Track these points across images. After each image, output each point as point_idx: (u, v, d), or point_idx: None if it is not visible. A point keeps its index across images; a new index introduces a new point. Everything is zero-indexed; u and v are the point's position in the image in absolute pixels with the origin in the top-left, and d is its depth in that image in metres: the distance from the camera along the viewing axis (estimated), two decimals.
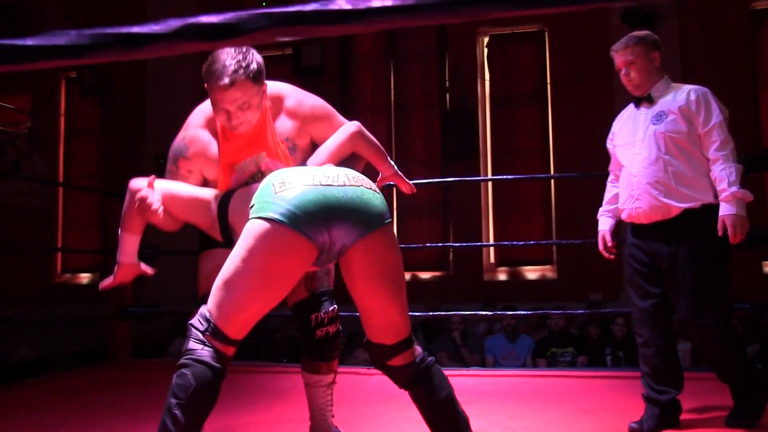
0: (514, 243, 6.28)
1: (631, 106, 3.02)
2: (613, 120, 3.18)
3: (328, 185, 1.94)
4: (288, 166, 2.24)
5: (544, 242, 8.88)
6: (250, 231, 1.92)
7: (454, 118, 8.95)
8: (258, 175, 2.27)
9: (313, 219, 1.90)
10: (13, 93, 11.01)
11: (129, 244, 2.27)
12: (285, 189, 1.92)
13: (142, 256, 2.36)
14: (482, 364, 6.50)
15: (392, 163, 2.53)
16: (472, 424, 2.11)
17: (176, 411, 1.84)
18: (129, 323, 5.14)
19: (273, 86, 2.38)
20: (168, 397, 1.87)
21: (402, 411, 3.23)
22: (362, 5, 0.70)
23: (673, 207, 2.78)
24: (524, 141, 9.07)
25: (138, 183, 2.25)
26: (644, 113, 2.91)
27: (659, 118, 2.83)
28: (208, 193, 2.27)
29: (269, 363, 5.77)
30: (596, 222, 3.17)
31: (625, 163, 2.95)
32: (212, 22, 0.72)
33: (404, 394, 2.16)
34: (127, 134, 9.94)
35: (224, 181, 2.29)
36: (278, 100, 2.37)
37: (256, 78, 2.16)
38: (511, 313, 6.00)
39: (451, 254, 9.11)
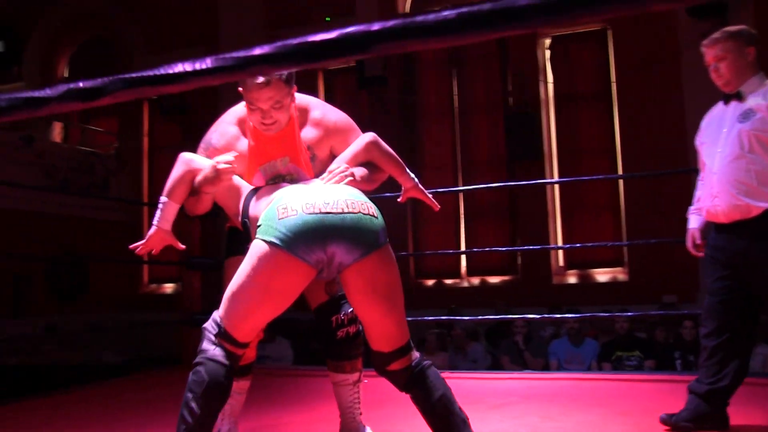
0: (585, 245, 6.21)
1: (720, 103, 2.93)
2: (681, 116, 3.14)
3: (327, 213, 2.07)
4: (307, 174, 2.44)
5: (615, 243, 8.73)
6: (255, 250, 2.10)
7: (518, 121, 8.94)
8: (279, 178, 2.45)
9: (311, 244, 2.04)
10: (101, 116, 11.70)
11: (169, 211, 2.43)
12: (287, 215, 2.06)
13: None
14: (546, 368, 6.47)
15: (412, 175, 2.58)
16: (504, 425, 2.18)
17: (192, 404, 2.04)
18: (197, 329, 5.38)
19: (301, 98, 2.55)
20: (185, 392, 2.06)
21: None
22: (200, 66, 0.84)
23: (753, 206, 2.72)
24: (590, 141, 8.96)
25: (189, 155, 2.48)
26: (732, 110, 2.83)
27: (746, 116, 2.75)
28: (244, 185, 2.45)
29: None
30: (669, 221, 3.14)
31: (707, 161, 2.89)
32: (86, 87, 0.88)
33: (458, 396, 2.27)
34: None
35: (249, 178, 2.48)
36: (305, 111, 2.53)
37: (288, 80, 2.35)
38: (572, 315, 5.97)
39: (519, 258, 9.07)
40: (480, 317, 6.76)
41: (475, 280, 9.36)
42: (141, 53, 11.20)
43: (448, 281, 9.50)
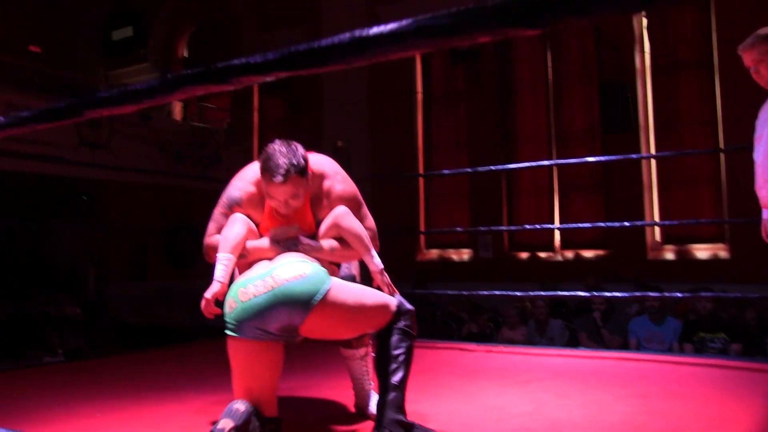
0: (683, 222, 6.01)
1: None
2: None
3: (256, 295, 2.34)
4: (314, 236, 2.64)
5: (715, 221, 8.33)
6: (228, 346, 2.42)
7: (612, 92, 8.67)
8: (288, 242, 2.59)
9: (255, 325, 2.34)
10: (216, 94, 12.33)
11: (231, 267, 2.54)
12: (231, 310, 2.37)
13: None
14: (625, 347, 6.36)
15: (377, 260, 2.68)
16: (521, 397, 2.72)
17: None
18: None
19: (319, 164, 2.70)
20: None
21: (475, 384, 3.44)
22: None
23: None
24: (689, 112, 8.55)
25: (243, 216, 2.62)
26: None
27: None
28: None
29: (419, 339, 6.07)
30: None
31: (755, 153, 3.00)
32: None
33: (493, 371, 2.55)
34: (307, 126, 10.72)
35: (262, 233, 2.65)
36: (319, 178, 2.69)
37: (303, 172, 2.50)
38: (653, 294, 5.83)
39: (613, 232, 8.85)
40: (544, 293, 6.74)
41: (569, 254, 9.23)
42: (250, 33, 11.67)
43: (542, 254, 9.41)
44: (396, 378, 2.49)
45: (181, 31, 13.12)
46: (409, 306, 2.61)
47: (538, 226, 9.34)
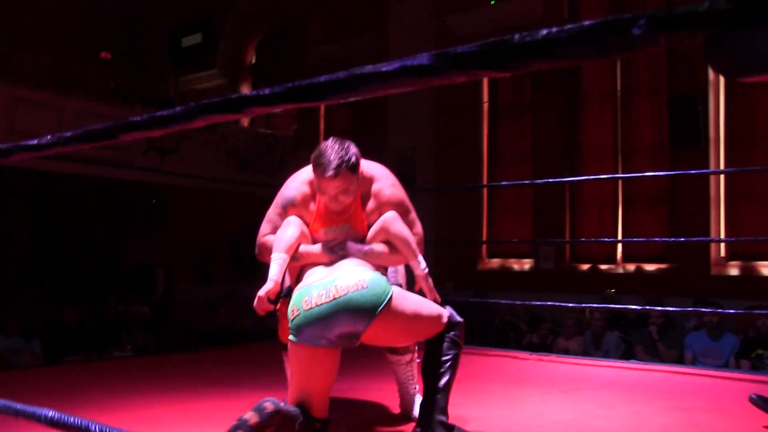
0: (748, 239, 5.87)
1: None
2: None
3: (318, 304, 2.42)
4: (365, 237, 2.75)
5: None
6: (290, 350, 2.53)
7: (682, 104, 8.54)
8: (336, 246, 2.70)
9: (314, 332, 2.42)
10: None
11: (284, 267, 2.68)
12: (294, 317, 2.46)
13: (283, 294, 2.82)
14: (680, 361, 6.29)
15: (423, 265, 2.80)
16: (564, 406, 2.89)
17: None
18: None
19: (371, 168, 2.82)
20: None
21: (520, 391, 3.51)
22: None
23: None
24: (763, 125, 8.34)
25: (298, 219, 2.74)
26: None
27: None
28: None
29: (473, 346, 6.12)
30: None
31: None
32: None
33: (540, 379, 2.67)
34: (373, 134, 10.86)
35: (312, 234, 2.77)
36: (369, 181, 2.79)
37: (354, 168, 2.61)
38: (707, 310, 5.76)
39: (677, 246, 8.72)
40: (597, 306, 6.71)
41: (631, 267, 9.12)
42: (315, 42, 11.91)
43: (603, 266, 9.33)
44: (442, 382, 2.60)
45: (249, 38, 13.46)
46: (459, 318, 2.71)
47: (600, 240, 9.29)
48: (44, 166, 8.56)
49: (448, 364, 2.63)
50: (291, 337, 2.46)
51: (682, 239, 6.94)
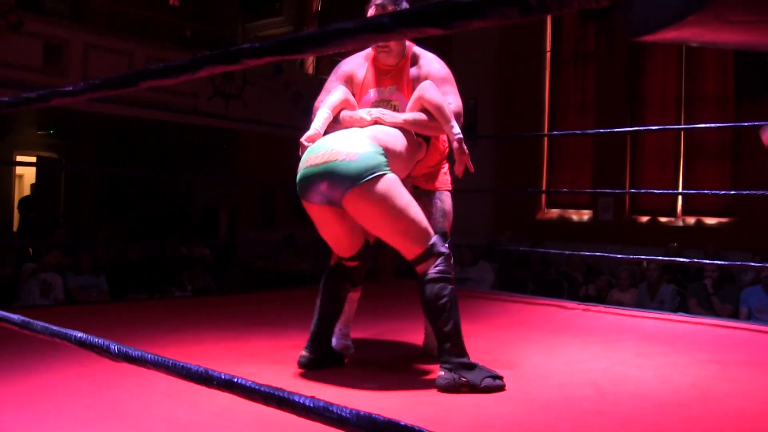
0: None
1: None
2: None
3: (310, 165, 2.64)
4: (407, 102, 2.94)
5: None
6: None
7: (748, 54, 8.24)
8: (384, 102, 2.98)
9: (307, 190, 2.67)
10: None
11: (328, 121, 2.92)
12: (297, 172, 2.72)
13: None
14: (735, 316, 6.22)
15: (457, 130, 2.85)
16: (601, 355, 3.00)
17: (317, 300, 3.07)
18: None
19: (421, 50, 3.07)
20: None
21: (559, 339, 3.60)
22: None
23: None
24: None
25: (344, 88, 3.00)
26: None
27: None
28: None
29: (525, 295, 6.14)
30: None
31: None
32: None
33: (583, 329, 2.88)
34: None
35: (358, 97, 3.03)
36: (417, 58, 3.04)
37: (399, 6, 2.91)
38: (760, 264, 5.67)
39: (738, 200, 8.52)
40: (652, 257, 6.64)
41: (691, 220, 8.97)
42: None
43: (663, 219, 9.20)
44: (448, 327, 2.62)
45: None
46: (443, 248, 2.71)
47: (660, 191, 9.13)
48: (114, 110, 8.88)
49: (447, 305, 2.63)
50: (298, 191, 2.71)
51: (744, 192, 6.79)
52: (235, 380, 1.07)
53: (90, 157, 11.81)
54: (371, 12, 2.87)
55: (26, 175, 13.52)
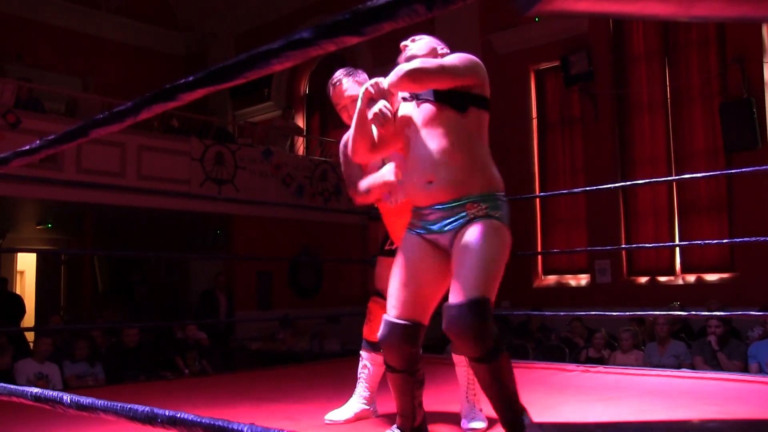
0: None
1: None
2: None
3: None
4: None
5: None
6: None
7: (735, 108, 8.34)
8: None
9: None
10: (339, 127, 12.81)
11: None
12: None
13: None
14: (745, 371, 6.08)
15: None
16: (599, 412, 2.90)
17: None
18: None
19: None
20: None
21: (556, 398, 3.50)
22: None
23: None
24: None
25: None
26: None
27: None
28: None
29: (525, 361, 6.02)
30: None
31: None
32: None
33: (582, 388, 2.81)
34: None
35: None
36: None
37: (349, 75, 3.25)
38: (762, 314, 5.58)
39: (737, 254, 8.47)
40: (652, 313, 6.56)
41: (691, 278, 8.90)
42: (366, 68, 12.05)
43: (662, 279, 9.13)
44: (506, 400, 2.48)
45: (302, 70, 13.77)
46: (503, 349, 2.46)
47: (659, 245, 9.09)
48: (110, 200, 8.97)
49: (503, 383, 2.43)
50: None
51: (745, 239, 6.72)
52: (178, 416, 1.05)
53: (89, 248, 11.85)
54: (332, 91, 3.18)
55: (27, 271, 13.67)
